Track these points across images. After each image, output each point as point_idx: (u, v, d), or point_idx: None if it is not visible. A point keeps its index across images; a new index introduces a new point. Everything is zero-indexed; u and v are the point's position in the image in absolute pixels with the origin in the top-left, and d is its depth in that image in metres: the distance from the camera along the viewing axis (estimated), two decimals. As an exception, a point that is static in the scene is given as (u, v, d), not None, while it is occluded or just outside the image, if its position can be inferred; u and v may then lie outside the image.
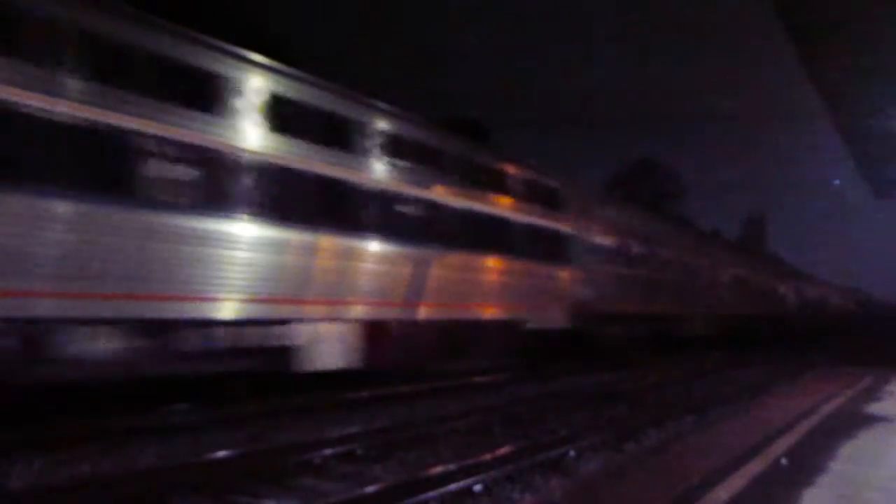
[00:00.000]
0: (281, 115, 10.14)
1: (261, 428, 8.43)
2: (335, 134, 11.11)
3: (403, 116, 12.62)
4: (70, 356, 7.94)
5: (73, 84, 7.90)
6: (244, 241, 9.57)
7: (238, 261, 9.45)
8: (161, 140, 8.66)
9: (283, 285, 10.14)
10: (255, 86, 9.90)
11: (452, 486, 5.99)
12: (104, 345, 8.29)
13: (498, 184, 15.01)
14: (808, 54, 11.43)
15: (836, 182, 54.69)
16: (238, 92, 9.67)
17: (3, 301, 7.30)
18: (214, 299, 9.18)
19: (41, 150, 7.63)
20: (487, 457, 6.99)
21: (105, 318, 8.20)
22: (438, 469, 6.53)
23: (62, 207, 7.74)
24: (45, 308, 7.62)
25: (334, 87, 11.23)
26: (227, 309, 9.36)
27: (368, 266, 11.58)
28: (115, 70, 8.33)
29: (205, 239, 9.09)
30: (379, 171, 11.82)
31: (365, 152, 11.59)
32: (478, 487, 6.15)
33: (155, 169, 8.62)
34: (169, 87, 8.85)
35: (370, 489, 5.84)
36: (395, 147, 12.12)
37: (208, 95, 9.34)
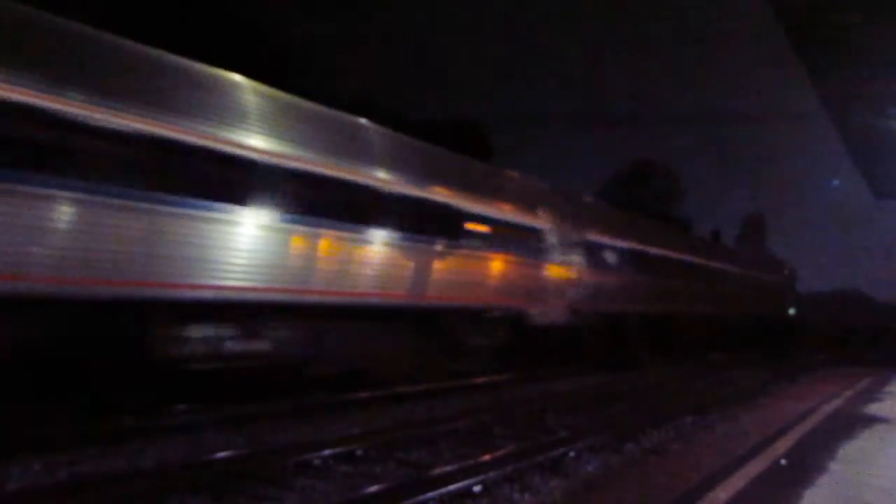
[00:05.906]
0: None
1: (261, 428, 8.42)
2: None
3: None
4: None
5: None
6: None
7: None
8: None
9: None
10: None
11: (452, 487, 5.99)
12: None
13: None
14: (808, 55, 11.42)
15: (836, 182, 54.65)
16: None
17: None
18: None
19: None
20: (487, 457, 6.99)
21: None
22: (438, 469, 6.54)
23: None
24: None
25: None
26: None
27: None
28: None
29: None
30: None
31: None
32: (478, 488, 6.14)
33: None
34: None
35: (370, 489, 5.84)
36: None
37: None
